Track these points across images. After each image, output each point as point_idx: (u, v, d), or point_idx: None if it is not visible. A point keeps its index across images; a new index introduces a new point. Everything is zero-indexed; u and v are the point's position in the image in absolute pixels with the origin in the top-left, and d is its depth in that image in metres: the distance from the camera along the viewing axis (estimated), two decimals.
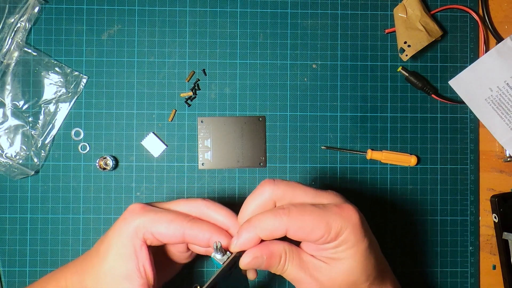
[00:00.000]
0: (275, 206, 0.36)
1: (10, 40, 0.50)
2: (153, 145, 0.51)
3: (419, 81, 0.51)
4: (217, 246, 0.34)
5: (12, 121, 0.51)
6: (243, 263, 0.35)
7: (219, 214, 0.38)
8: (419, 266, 0.52)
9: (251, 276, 0.39)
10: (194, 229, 0.36)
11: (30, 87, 0.51)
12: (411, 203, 0.52)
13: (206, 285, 0.33)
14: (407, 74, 0.51)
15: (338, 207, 0.35)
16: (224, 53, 0.52)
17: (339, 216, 0.34)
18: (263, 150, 0.52)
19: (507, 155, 0.52)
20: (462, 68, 0.51)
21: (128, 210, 0.38)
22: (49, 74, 0.51)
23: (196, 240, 0.36)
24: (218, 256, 0.35)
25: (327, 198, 0.36)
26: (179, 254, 0.41)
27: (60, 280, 0.40)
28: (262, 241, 0.35)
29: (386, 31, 0.52)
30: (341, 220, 0.34)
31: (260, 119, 0.52)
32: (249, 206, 0.36)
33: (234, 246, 0.35)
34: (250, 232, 0.34)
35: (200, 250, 0.39)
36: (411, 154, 0.52)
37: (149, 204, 0.39)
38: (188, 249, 0.40)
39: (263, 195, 0.35)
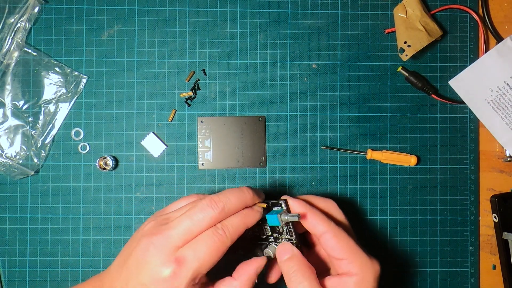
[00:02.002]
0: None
1: (10, 40, 0.50)
2: (153, 145, 0.51)
3: (419, 81, 0.51)
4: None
5: (12, 121, 0.51)
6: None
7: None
8: (419, 266, 0.52)
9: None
10: (233, 237, 0.38)
11: (30, 87, 0.51)
12: (411, 203, 0.52)
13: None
14: (407, 74, 0.51)
15: (371, 256, 0.40)
16: (224, 53, 0.52)
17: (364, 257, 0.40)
18: (263, 150, 0.52)
19: (507, 155, 0.52)
20: (462, 68, 0.51)
21: (163, 267, 0.36)
22: (49, 74, 0.51)
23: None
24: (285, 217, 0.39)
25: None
26: None
27: None
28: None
29: (386, 31, 0.52)
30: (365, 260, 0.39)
31: (260, 119, 0.52)
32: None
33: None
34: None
35: None
36: (411, 154, 0.52)
37: (160, 234, 0.38)
38: None
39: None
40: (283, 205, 0.40)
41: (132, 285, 0.37)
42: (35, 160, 0.50)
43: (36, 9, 0.51)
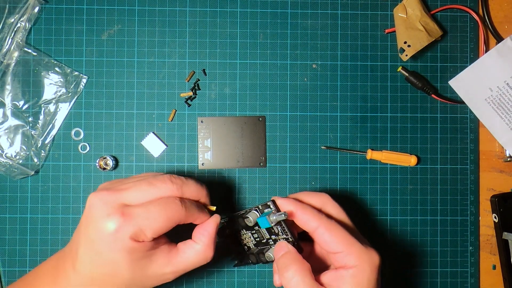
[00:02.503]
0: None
1: (10, 40, 0.50)
2: (153, 145, 0.51)
3: (419, 81, 0.51)
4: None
5: (12, 121, 0.51)
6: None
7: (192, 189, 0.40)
8: (419, 266, 0.52)
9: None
10: (190, 215, 0.38)
11: (30, 87, 0.51)
12: (411, 203, 0.52)
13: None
14: (407, 74, 0.51)
15: (369, 247, 0.39)
16: (224, 53, 0.52)
17: (362, 249, 0.38)
18: (263, 150, 0.52)
19: (507, 155, 0.52)
20: (462, 68, 0.51)
21: (107, 221, 0.36)
22: (49, 74, 0.51)
23: (188, 221, 0.39)
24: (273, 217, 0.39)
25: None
26: None
27: None
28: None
29: (386, 31, 0.52)
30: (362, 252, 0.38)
31: (260, 119, 0.52)
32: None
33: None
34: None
35: None
36: (411, 154, 0.52)
37: (110, 190, 0.37)
38: None
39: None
40: (271, 206, 0.40)
41: (81, 243, 0.37)
42: (35, 160, 0.50)
43: (36, 9, 0.51)
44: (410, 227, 0.52)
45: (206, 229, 0.40)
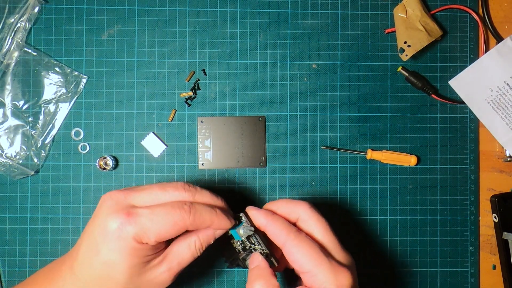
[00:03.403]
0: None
1: (10, 40, 0.50)
2: (153, 145, 0.51)
3: (419, 81, 0.51)
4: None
5: (12, 121, 0.51)
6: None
7: (206, 197, 0.39)
8: (419, 266, 0.52)
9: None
10: (196, 222, 0.37)
11: (30, 87, 0.51)
12: (411, 203, 0.52)
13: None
14: (407, 74, 0.51)
15: (339, 267, 0.37)
16: (224, 53, 0.52)
17: (333, 272, 0.36)
18: (263, 150, 0.52)
19: (507, 155, 0.52)
20: (462, 68, 0.51)
21: (111, 218, 0.36)
22: (49, 74, 0.51)
23: (197, 228, 0.38)
24: (242, 231, 0.40)
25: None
26: None
27: None
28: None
29: (386, 31, 0.52)
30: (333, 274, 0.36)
31: (260, 119, 0.52)
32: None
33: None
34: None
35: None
36: (411, 154, 0.52)
37: (123, 190, 0.37)
38: None
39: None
40: (243, 218, 0.40)
41: (84, 241, 0.37)
42: (35, 160, 0.50)
43: (36, 9, 0.51)
44: (410, 227, 0.52)
45: (209, 230, 0.39)
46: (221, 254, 0.49)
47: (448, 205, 0.52)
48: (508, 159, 0.52)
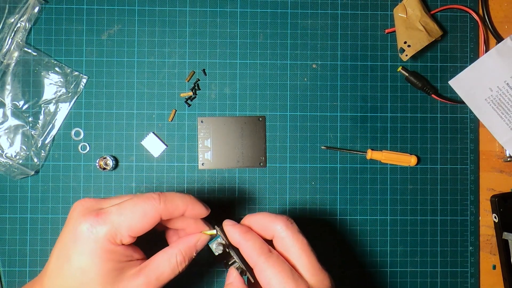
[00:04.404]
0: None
1: (10, 40, 0.50)
2: (153, 145, 0.51)
3: (419, 81, 0.51)
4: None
5: (12, 121, 0.51)
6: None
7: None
8: (419, 266, 0.52)
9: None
10: (168, 208, 0.36)
11: (30, 87, 0.51)
12: (411, 203, 0.52)
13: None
14: (407, 74, 0.51)
15: None
16: (224, 53, 0.52)
17: None
18: (263, 150, 0.52)
19: (507, 155, 0.52)
20: (462, 68, 0.51)
21: (81, 222, 0.35)
22: (49, 74, 0.51)
23: (171, 217, 0.37)
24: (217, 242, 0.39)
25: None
26: None
27: None
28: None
29: (386, 31, 0.52)
30: None
31: (260, 119, 0.52)
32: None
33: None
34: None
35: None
36: (411, 154, 0.52)
37: (95, 200, 0.37)
38: None
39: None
40: (218, 232, 0.39)
41: (54, 252, 0.36)
42: (35, 160, 0.50)
43: (36, 9, 0.51)
44: (410, 227, 0.52)
45: (187, 240, 0.38)
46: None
47: (448, 205, 0.52)
48: (508, 159, 0.52)
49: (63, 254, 0.35)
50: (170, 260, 0.37)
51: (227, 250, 0.39)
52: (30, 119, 0.51)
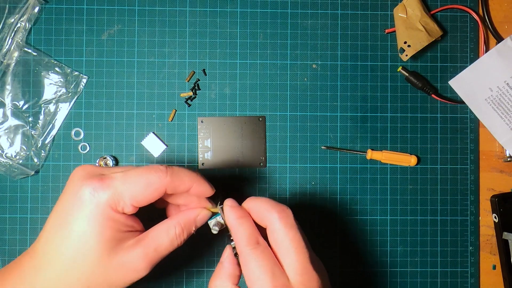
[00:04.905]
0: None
1: (10, 40, 0.50)
2: (153, 145, 0.51)
3: (419, 81, 0.51)
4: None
5: (12, 121, 0.51)
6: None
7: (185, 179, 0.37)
8: (419, 266, 0.52)
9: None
10: (174, 182, 0.35)
11: (30, 87, 0.51)
12: (411, 203, 0.52)
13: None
14: (407, 74, 0.51)
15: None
16: (224, 53, 0.52)
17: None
18: (263, 150, 0.52)
19: (507, 155, 0.52)
20: (462, 68, 0.51)
21: (83, 185, 0.33)
22: (49, 74, 0.51)
23: (176, 191, 0.36)
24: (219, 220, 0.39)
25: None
26: None
27: None
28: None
29: (386, 31, 0.52)
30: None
31: (260, 119, 0.52)
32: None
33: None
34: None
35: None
36: (411, 154, 0.52)
37: (97, 167, 0.36)
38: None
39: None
40: (219, 211, 0.38)
41: (51, 217, 0.34)
42: (35, 160, 0.50)
43: (36, 9, 0.51)
44: (410, 227, 0.52)
45: (187, 214, 0.37)
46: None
47: (448, 205, 0.52)
48: (508, 159, 0.52)
49: (60, 220, 0.33)
50: (168, 231, 0.36)
51: (227, 229, 0.38)
52: (30, 119, 0.51)
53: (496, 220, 0.51)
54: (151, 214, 0.39)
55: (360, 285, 0.52)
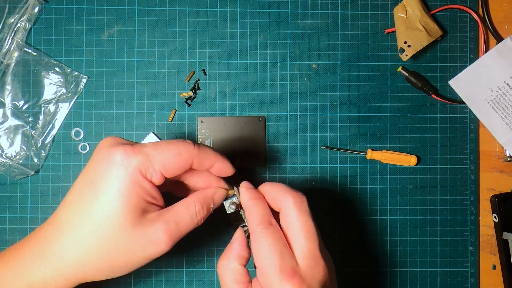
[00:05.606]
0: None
1: (10, 40, 0.50)
2: None
3: (419, 81, 0.51)
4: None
5: (12, 121, 0.51)
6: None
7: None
8: (419, 266, 0.52)
9: None
10: (201, 155, 0.36)
11: (30, 87, 0.51)
12: (411, 203, 0.52)
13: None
14: (407, 74, 0.51)
15: (287, 277, 0.34)
16: (224, 53, 0.52)
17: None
18: (263, 150, 0.52)
19: (507, 155, 0.52)
20: (462, 68, 0.51)
21: (114, 150, 0.33)
22: (49, 74, 0.51)
23: (201, 165, 0.37)
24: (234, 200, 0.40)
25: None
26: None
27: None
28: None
29: (386, 31, 0.52)
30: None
31: (260, 119, 0.52)
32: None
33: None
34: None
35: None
36: (411, 154, 0.52)
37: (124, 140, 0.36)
38: None
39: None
40: (235, 192, 0.39)
41: (78, 182, 0.34)
42: (35, 160, 0.50)
43: (36, 9, 0.51)
44: (410, 227, 0.52)
45: (205, 191, 0.38)
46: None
47: (448, 205, 0.52)
48: (508, 159, 0.52)
49: (87, 184, 0.34)
50: (189, 208, 0.37)
51: (240, 211, 0.39)
52: (30, 119, 0.51)
53: (496, 220, 0.51)
54: (171, 203, 0.39)
55: (360, 285, 0.52)
